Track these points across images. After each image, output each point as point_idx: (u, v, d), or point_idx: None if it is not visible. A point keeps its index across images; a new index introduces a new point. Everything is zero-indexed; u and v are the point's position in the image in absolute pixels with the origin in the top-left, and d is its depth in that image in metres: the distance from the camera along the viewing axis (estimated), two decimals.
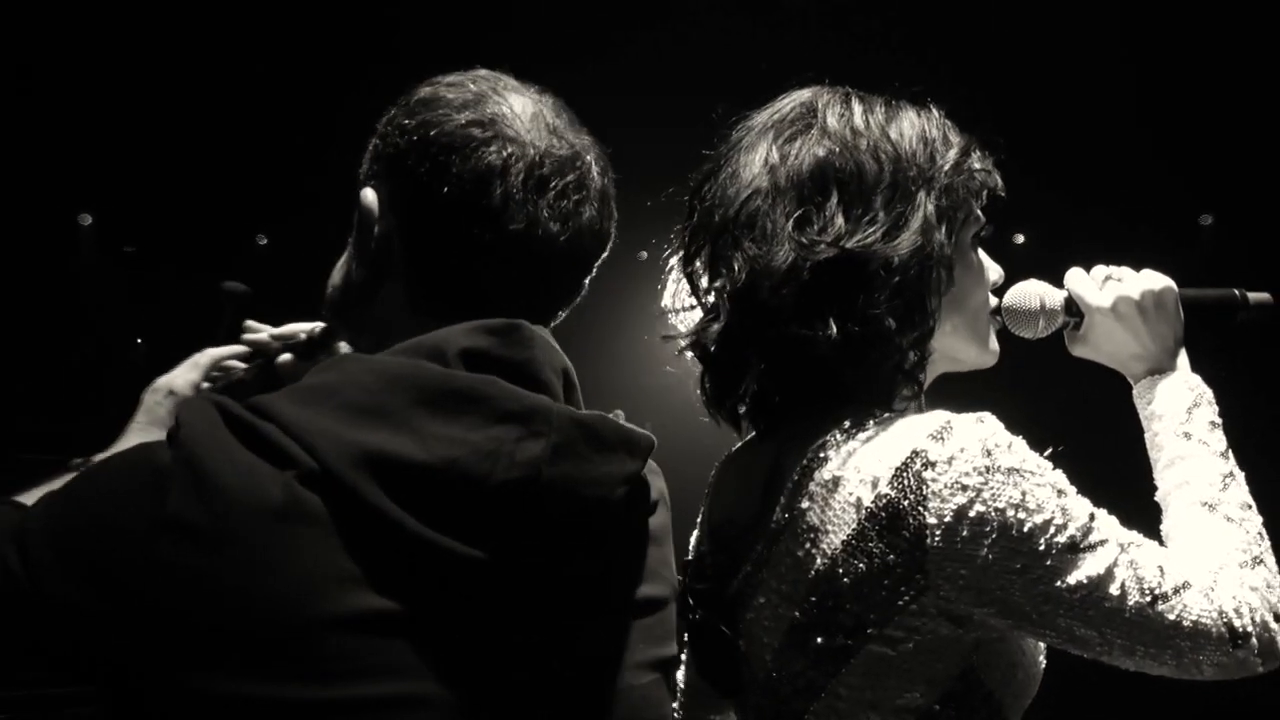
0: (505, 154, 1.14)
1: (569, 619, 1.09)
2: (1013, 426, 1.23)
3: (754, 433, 1.43)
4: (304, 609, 0.96)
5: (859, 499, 1.19)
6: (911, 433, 1.20)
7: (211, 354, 1.56)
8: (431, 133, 1.15)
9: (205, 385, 1.53)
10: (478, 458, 1.01)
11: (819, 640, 1.22)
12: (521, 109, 1.17)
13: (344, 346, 1.53)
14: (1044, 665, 1.30)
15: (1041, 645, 1.29)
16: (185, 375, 1.52)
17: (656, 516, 1.21)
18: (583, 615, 1.10)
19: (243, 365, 1.58)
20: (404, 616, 0.99)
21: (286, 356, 1.53)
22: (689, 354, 1.37)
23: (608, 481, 1.07)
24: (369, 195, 1.18)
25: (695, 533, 1.47)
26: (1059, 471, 1.21)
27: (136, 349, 4.75)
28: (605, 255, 1.25)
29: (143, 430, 1.47)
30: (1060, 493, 1.19)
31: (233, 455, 0.99)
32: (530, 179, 1.14)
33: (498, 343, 1.08)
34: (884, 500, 1.18)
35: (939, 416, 1.22)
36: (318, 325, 1.53)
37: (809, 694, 1.24)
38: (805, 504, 1.23)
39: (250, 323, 1.60)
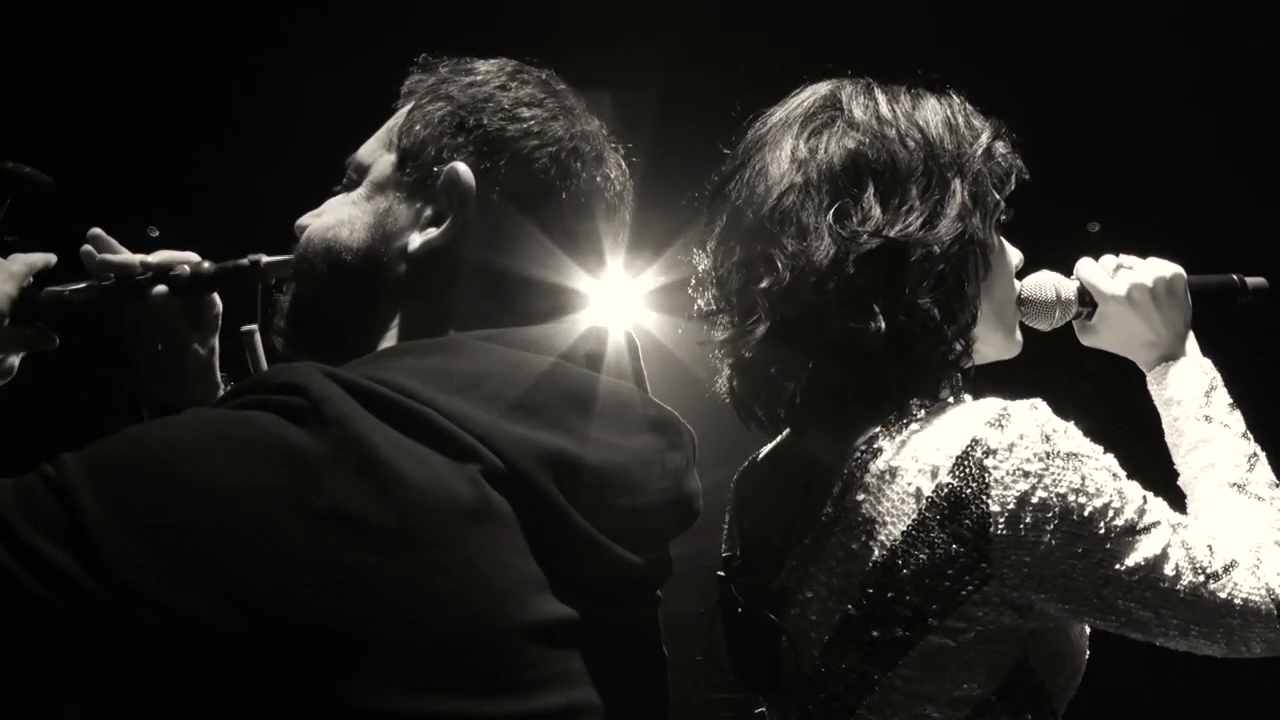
0: (611, 175, 1.18)
1: (657, 617, 1.13)
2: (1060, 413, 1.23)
3: (784, 432, 1.41)
4: (500, 617, 0.89)
5: (919, 489, 1.18)
6: (969, 420, 1.20)
7: (25, 260, 1.31)
8: (558, 131, 1.14)
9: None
10: (638, 465, 1.00)
11: (874, 633, 1.21)
12: (593, 127, 1.19)
13: (216, 299, 1.40)
14: (1088, 656, 1.31)
15: (1086, 635, 1.30)
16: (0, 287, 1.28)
17: None
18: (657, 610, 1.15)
19: (44, 281, 1.33)
20: (577, 623, 0.96)
21: (161, 289, 1.33)
22: (725, 360, 1.34)
23: (699, 491, 1.14)
24: (465, 170, 1.11)
25: (725, 531, 1.45)
26: (1110, 455, 1.23)
27: None
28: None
29: None
30: (1115, 476, 1.20)
31: (395, 442, 0.88)
32: (616, 202, 1.20)
33: (619, 350, 1.08)
34: (945, 489, 1.17)
35: (994, 404, 1.21)
36: (203, 262, 1.36)
37: (862, 687, 1.23)
38: (860, 496, 1.21)
39: (102, 234, 1.36)
